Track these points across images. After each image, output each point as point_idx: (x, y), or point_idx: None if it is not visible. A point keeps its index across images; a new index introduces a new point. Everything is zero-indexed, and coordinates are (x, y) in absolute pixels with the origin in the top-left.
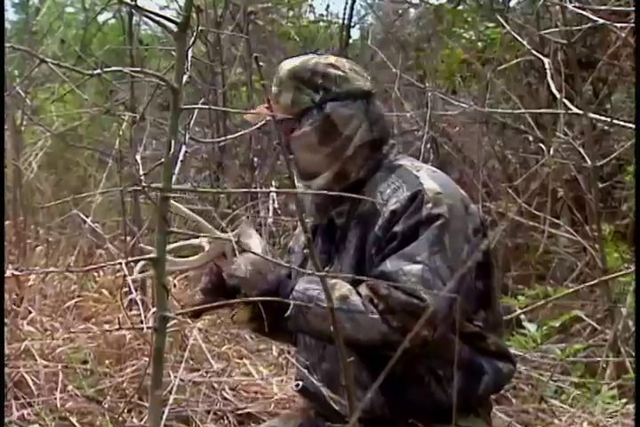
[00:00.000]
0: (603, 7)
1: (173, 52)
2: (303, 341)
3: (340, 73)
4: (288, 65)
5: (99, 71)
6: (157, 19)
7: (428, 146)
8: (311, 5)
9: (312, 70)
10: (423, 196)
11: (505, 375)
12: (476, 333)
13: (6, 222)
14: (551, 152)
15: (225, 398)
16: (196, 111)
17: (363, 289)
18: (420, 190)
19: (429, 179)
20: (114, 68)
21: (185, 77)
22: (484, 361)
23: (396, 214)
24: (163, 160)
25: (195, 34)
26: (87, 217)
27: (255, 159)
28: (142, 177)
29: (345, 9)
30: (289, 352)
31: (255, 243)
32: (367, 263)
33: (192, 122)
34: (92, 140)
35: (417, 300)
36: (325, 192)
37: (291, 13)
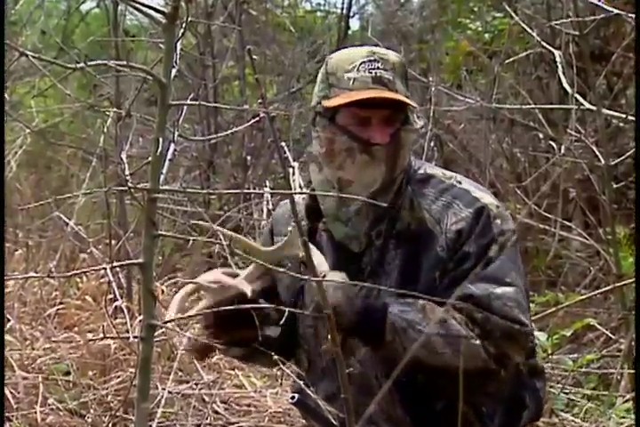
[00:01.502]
0: None
1: (161, 45)
2: (322, 370)
3: None
4: (391, 52)
5: (82, 65)
6: (144, 9)
7: (432, 144)
8: None
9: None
10: (489, 212)
11: (542, 399)
12: (532, 348)
13: None
14: (562, 150)
15: (216, 412)
16: (186, 107)
17: (452, 312)
18: (482, 207)
19: (479, 191)
20: (98, 62)
21: (174, 71)
22: (527, 391)
23: (462, 234)
24: (150, 159)
25: (184, 25)
26: (69, 219)
27: (248, 158)
28: (128, 177)
29: None
30: (284, 363)
31: (320, 260)
32: (424, 287)
33: (181, 118)
34: (74, 138)
35: (518, 324)
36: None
37: (286, 3)
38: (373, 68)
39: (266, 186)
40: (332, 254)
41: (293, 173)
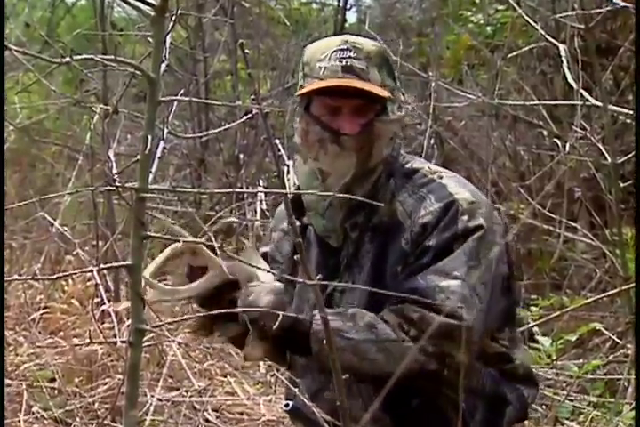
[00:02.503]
0: None
1: (150, 39)
2: (302, 367)
3: None
4: (368, 41)
5: (68, 59)
6: (132, 1)
7: (432, 141)
8: None
9: (390, 55)
10: (457, 207)
11: (529, 404)
12: (502, 354)
13: None
14: (567, 148)
15: (207, 420)
16: (176, 103)
17: (388, 315)
18: (452, 201)
19: (458, 186)
20: (84, 56)
21: (163, 66)
22: (509, 390)
23: (427, 227)
24: (138, 157)
25: (174, 17)
26: (55, 220)
27: (241, 156)
28: (116, 176)
29: None
30: (278, 369)
31: (259, 269)
32: (389, 281)
33: (171, 115)
34: (59, 135)
35: (455, 320)
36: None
37: None
38: (344, 57)
39: (259, 185)
40: (316, 251)
41: (288, 172)
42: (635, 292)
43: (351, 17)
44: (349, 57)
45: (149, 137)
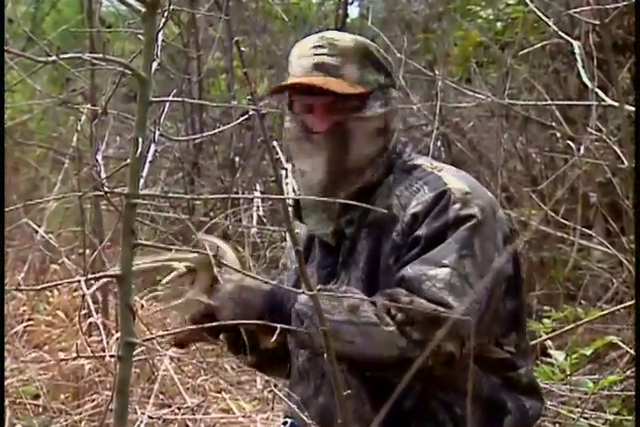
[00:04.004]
0: None
1: (141, 36)
2: (298, 371)
3: (389, 58)
4: (347, 37)
5: (54, 58)
6: None
7: (439, 143)
8: None
9: (377, 49)
10: (450, 196)
11: (531, 416)
12: (505, 360)
13: None
14: (582, 151)
15: None
16: (168, 103)
17: (378, 298)
18: (445, 190)
19: (454, 178)
20: (72, 55)
21: (155, 65)
22: (509, 398)
23: (418, 217)
24: (129, 161)
25: (166, 13)
26: (39, 227)
27: (236, 159)
28: (104, 180)
29: None
30: (275, 385)
31: (231, 257)
32: (382, 276)
33: (163, 116)
34: (44, 137)
35: (442, 307)
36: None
37: None
38: (317, 54)
39: (256, 190)
40: (318, 250)
41: (286, 176)
42: (635, 291)
43: (353, 11)
44: (322, 53)
45: (140, 139)
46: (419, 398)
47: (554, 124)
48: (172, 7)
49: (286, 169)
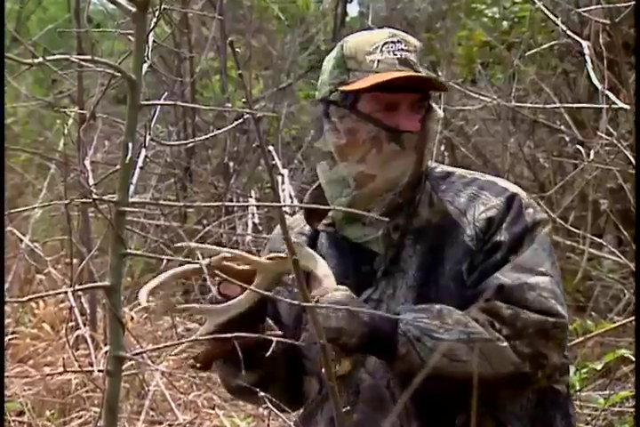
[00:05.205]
0: None
1: (131, 36)
2: (320, 391)
3: None
4: (409, 36)
5: (40, 60)
6: None
7: (442, 148)
8: None
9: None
10: (520, 200)
11: (574, 424)
12: (564, 364)
13: None
14: (592, 155)
15: None
16: (159, 106)
17: (476, 313)
18: (513, 195)
19: (504, 182)
20: (59, 57)
21: (145, 66)
22: (559, 413)
23: (493, 222)
24: (118, 166)
25: (157, 13)
26: (24, 235)
27: (231, 164)
28: (92, 187)
29: None
30: (271, 400)
31: (323, 267)
32: (449, 283)
33: (154, 119)
34: (30, 141)
35: (552, 317)
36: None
37: None
38: (398, 50)
39: (251, 197)
40: (338, 259)
41: (282, 182)
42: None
43: (352, 10)
44: (402, 49)
45: (130, 144)
46: (469, 414)
47: (562, 127)
48: (163, 6)
49: (282, 175)
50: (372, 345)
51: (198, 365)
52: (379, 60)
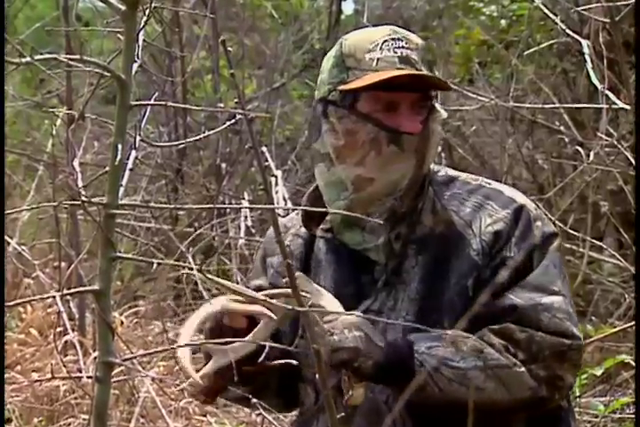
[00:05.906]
0: None
1: (121, 35)
2: (316, 402)
3: None
4: (411, 34)
5: (28, 59)
6: None
7: (439, 149)
8: None
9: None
10: (528, 213)
11: None
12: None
13: None
14: (592, 157)
15: None
16: (150, 107)
17: (490, 337)
18: (520, 206)
19: (511, 191)
20: (47, 56)
21: (135, 66)
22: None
23: (501, 236)
24: (107, 168)
25: (147, 11)
26: (11, 238)
27: (223, 165)
28: (81, 189)
29: None
30: (264, 408)
31: (332, 302)
32: (454, 296)
33: (144, 120)
34: (17, 142)
35: (567, 339)
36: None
37: None
38: (398, 47)
39: (243, 199)
40: (336, 266)
41: (276, 184)
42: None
43: (347, 8)
44: (403, 47)
45: (120, 145)
46: None
47: (562, 128)
48: (153, 4)
49: (276, 176)
50: (388, 370)
51: (203, 399)
52: (378, 59)
